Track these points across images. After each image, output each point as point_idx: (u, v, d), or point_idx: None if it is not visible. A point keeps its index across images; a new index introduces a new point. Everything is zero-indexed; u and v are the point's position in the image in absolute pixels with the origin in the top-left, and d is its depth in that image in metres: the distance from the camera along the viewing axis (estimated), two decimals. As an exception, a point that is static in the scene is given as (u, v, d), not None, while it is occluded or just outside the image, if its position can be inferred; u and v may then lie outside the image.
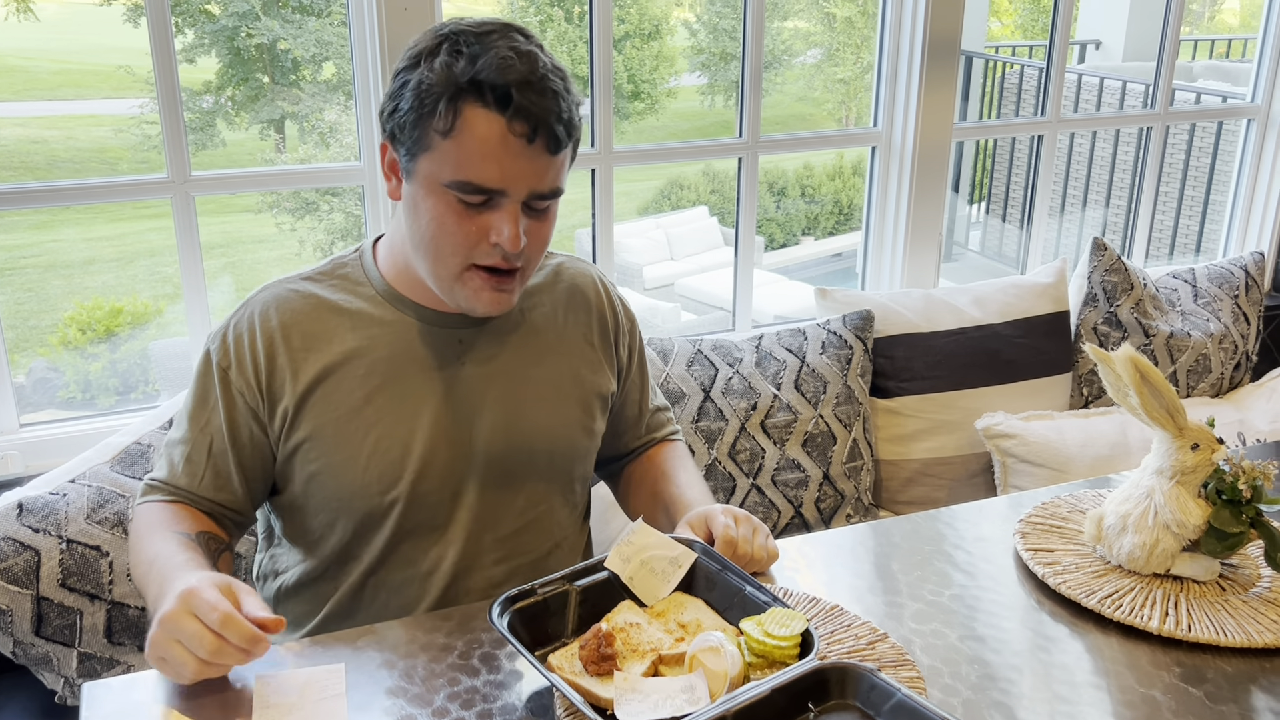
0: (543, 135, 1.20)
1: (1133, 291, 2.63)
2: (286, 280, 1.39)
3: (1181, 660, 1.22)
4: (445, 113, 1.19)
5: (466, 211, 1.23)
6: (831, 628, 1.24)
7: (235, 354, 1.34)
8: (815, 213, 12.34)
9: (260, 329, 1.34)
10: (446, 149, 1.21)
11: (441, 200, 1.23)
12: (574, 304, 1.49)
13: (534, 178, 1.23)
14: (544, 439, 1.41)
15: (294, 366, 1.33)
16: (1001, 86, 6.54)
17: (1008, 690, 1.17)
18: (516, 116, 1.19)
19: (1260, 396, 2.63)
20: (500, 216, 1.23)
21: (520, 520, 1.42)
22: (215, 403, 1.35)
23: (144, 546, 1.29)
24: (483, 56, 1.19)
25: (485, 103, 1.19)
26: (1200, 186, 5.27)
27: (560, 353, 1.45)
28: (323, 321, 1.35)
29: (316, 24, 9.70)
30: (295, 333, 1.34)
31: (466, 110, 1.19)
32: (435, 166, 1.22)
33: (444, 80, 1.19)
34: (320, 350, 1.33)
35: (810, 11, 14.18)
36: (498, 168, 1.20)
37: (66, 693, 1.71)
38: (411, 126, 1.22)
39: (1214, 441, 1.35)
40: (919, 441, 2.42)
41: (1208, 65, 7.02)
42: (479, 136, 1.19)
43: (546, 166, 1.23)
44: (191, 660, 1.08)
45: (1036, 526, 1.48)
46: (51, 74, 11.38)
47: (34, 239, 9.26)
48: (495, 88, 1.18)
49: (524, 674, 1.17)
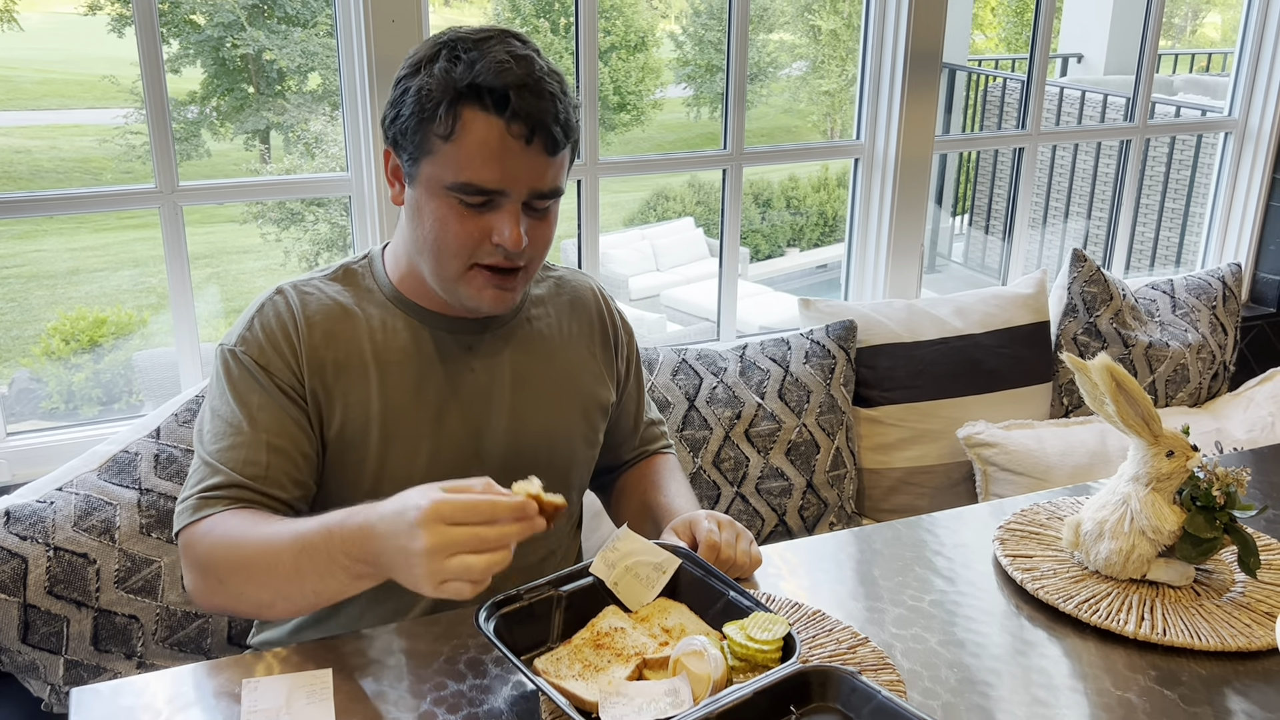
0: (541, 136, 1.23)
1: (1112, 302, 2.66)
2: (299, 282, 1.39)
3: (1157, 664, 1.24)
4: (445, 117, 1.22)
5: (468, 213, 1.25)
6: (813, 632, 1.26)
7: (269, 344, 1.32)
8: (800, 224, 12.39)
9: (287, 319, 1.34)
10: (447, 152, 1.23)
11: (444, 203, 1.25)
12: (577, 314, 1.51)
13: (534, 178, 1.25)
14: (546, 446, 1.43)
15: (318, 360, 1.33)
16: (984, 99, 6.59)
17: (987, 694, 1.18)
18: (515, 118, 1.21)
19: (1238, 406, 2.66)
20: (502, 217, 1.25)
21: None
22: (260, 400, 1.30)
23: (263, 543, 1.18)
24: (480, 61, 1.22)
25: (484, 106, 1.21)
26: (1180, 199, 5.32)
27: (564, 361, 1.47)
28: (339, 322, 1.36)
29: (302, 35, 9.70)
30: (317, 330, 1.34)
31: (466, 114, 1.22)
32: (437, 170, 1.24)
33: (443, 85, 1.22)
34: (337, 350, 1.34)
35: (795, 24, 14.25)
36: (498, 169, 1.23)
37: (53, 700, 1.72)
38: (413, 132, 1.25)
39: (1188, 449, 1.37)
40: (901, 450, 2.44)
41: (1188, 79, 7.09)
42: (479, 139, 1.22)
43: (546, 167, 1.25)
44: (479, 562, 1.03)
45: (1015, 533, 1.50)
46: (35, 84, 11.34)
47: (17, 249, 9.22)
48: (493, 91, 1.21)
49: (510, 678, 1.18)
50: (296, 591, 1.16)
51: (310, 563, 1.14)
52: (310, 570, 1.14)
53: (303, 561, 1.14)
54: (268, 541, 1.18)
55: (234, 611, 1.31)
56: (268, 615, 1.33)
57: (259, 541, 1.19)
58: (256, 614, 1.31)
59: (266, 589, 1.18)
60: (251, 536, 1.20)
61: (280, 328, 1.33)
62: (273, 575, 1.17)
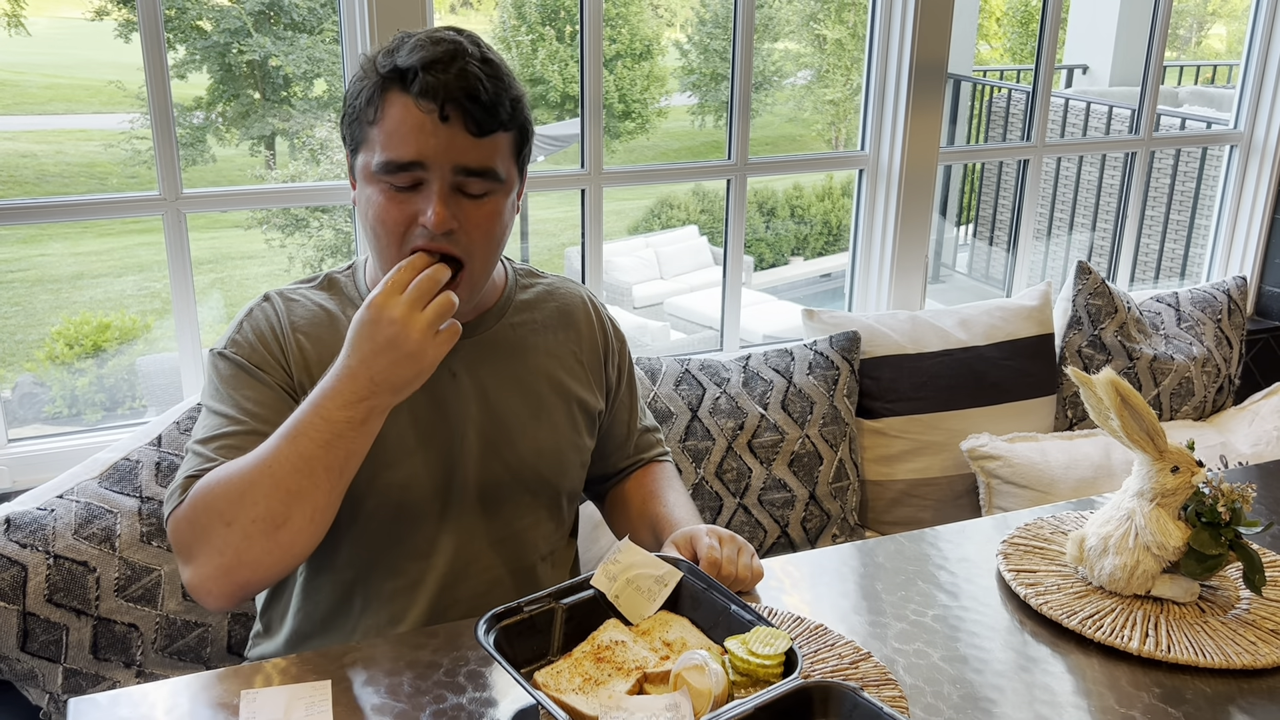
0: (456, 111, 1.23)
1: (1116, 315, 2.66)
2: (286, 290, 1.42)
3: (1161, 681, 1.23)
4: (372, 101, 1.26)
5: (397, 195, 1.26)
6: (815, 647, 1.25)
7: (259, 343, 1.35)
8: (804, 233, 12.39)
9: (275, 322, 1.37)
10: (374, 136, 1.26)
11: (376, 188, 1.27)
12: (564, 323, 1.50)
13: (454, 153, 1.25)
14: (531, 454, 1.43)
15: (304, 360, 1.35)
16: (989, 110, 6.59)
17: (989, 710, 1.18)
18: (424, 94, 1.22)
19: (1242, 420, 2.65)
20: (426, 196, 1.25)
21: (507, 530, 1.43)
22: (250, 393, 1.32)
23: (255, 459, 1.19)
24: (404, 48, 1.25)
25: (403, 86, 1.24)
26: (1185, 211, 5.32)
27: (550, 370, 1.46)
28: (324, 327, 1.38)
29: (308, 41, 9.72)
30: (302, 333, 1.37)
31: (388, 97, 1.25)
32: (368, 156, 1.27)
33: (370, 73, 1.27)
34: (322, 351, 1.35)
35: (801, 33, 14.27)
36: (413, 144, 1.24)
37: (51, 709, 1.71)
38: (351, 123, 1.29)
39: (1194, 464, 1.37)
40: (904, 462, 2.43)
41: (1193, 91, 7.09)
42: (397, 117, 1.24)
43: (470, 146, 1.25)
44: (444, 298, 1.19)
45: (1019, 548, 1.49)
46: (42, 89, 11.37)
47: (22, 253, 9.24)
48: (408, 70, 1.23)
49: (510, 691, 1.17)
50: (309, 483, 1.17)
51: (310, 443, 1.17)
52: (314, 449, 1.17)
53: (302, 446, 1.17)
54: (259, 456, 1.19)
55: (246, 571, 1.20)
56: (286, 538, 1.19)
57: (250, 462, 1.20)
58: (272, 547, 1.19)
59: (276, 497, 1.17)
60: (240, 464, 1.21)
61: (269, 329, 1.36)
62: (279, 480, 1.17)
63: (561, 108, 12.20)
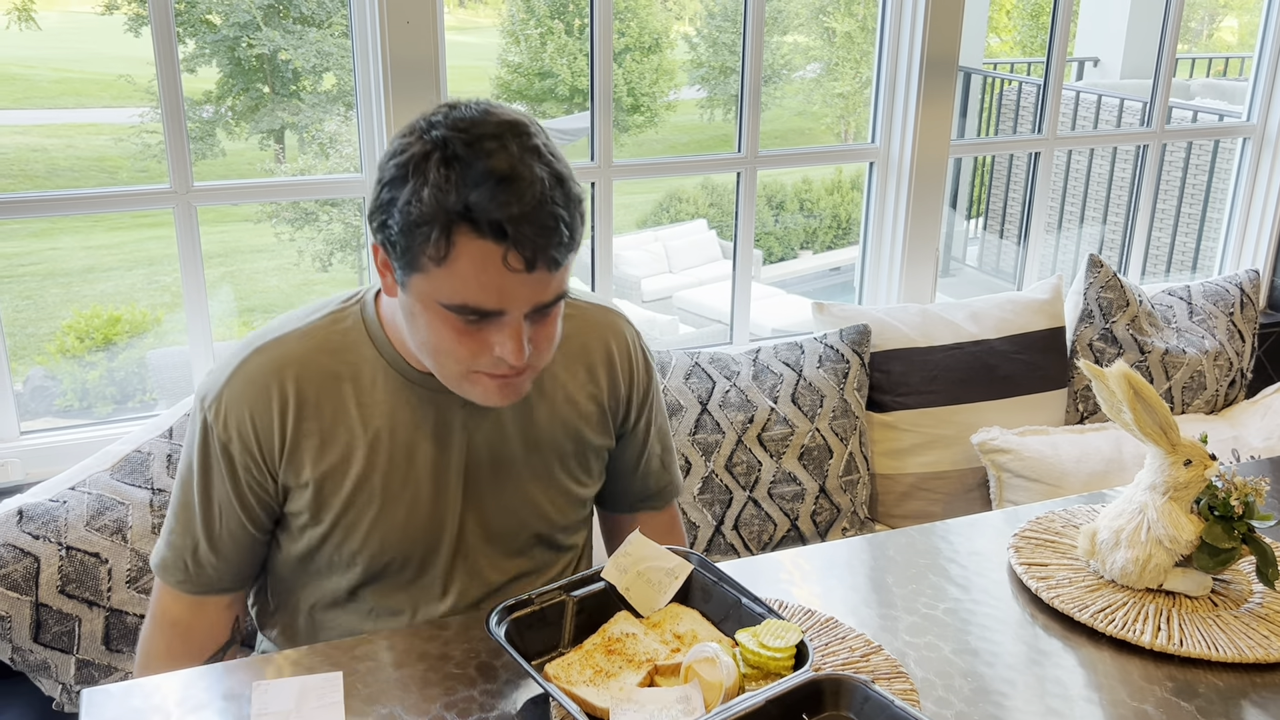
0: (543, 262, 1.12)
1: (1128, 308, 2.65)
2: (282, 339, 1.29)
3: (1174, 675, 1.23)
4: (438, 241, 1.11)
5: (467, 328, 1.16)
6: (826, 640, 1.25)
7: (237, 429, 1.26)
8: (814, 227, 12.36)
9: (260, 400, 1.26)
10: (441, 275, 1.13)
11: (438, 316, 1.16)
12: (588, 362, 1.40)
13: (536, 295, 1.15)
14: (536, 510, 1.38)
15: (296, 440, 1.27)
16: (1000, 102, 6.57)
17: (1001, 704, 1.17)
18: (514, 248, 1.10)
19: (1255, 413, 2.64)
20: (503, 331, 1.16)
21: (514, 571, 1.40)
22: (220, 494, 1.29)
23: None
24: (475, 181, 1.09)
25: (480, 232, 1.10)
26: (1197, 204, 5.29)
27: (565, 417, 1.38)
28: (325, 390, 1.28)
29: (318, 35, 9.72)
30: (299, 405, 1.27)
31: (460, 240, 1.10)
32: (430, 288, 1.14)
33: (435, 208, 1.10)
34: (325, 424, 1.27)
35: (810, 26, 14.22)
36: (495, 295, 1.13)
37: (64, 699, 1.72)
38: (403, 250, 1.14)
39: (1206, 458, 1.36)
40: (915, 456, 2.43)
41: (1205, 83, 7.05)
42: (475, 266, 1.11)
43: (548, 283, 1.15)
44: None
45: (1031, 541, 1.49)
46: (52, 82, 11.39)
47: (33, 247, 9.26)
48: (491, 223, 1.09)
49: (521, 683, 1.17)
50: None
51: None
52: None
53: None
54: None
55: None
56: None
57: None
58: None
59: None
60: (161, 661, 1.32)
61: (252, 414, 1.26)
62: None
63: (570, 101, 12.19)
